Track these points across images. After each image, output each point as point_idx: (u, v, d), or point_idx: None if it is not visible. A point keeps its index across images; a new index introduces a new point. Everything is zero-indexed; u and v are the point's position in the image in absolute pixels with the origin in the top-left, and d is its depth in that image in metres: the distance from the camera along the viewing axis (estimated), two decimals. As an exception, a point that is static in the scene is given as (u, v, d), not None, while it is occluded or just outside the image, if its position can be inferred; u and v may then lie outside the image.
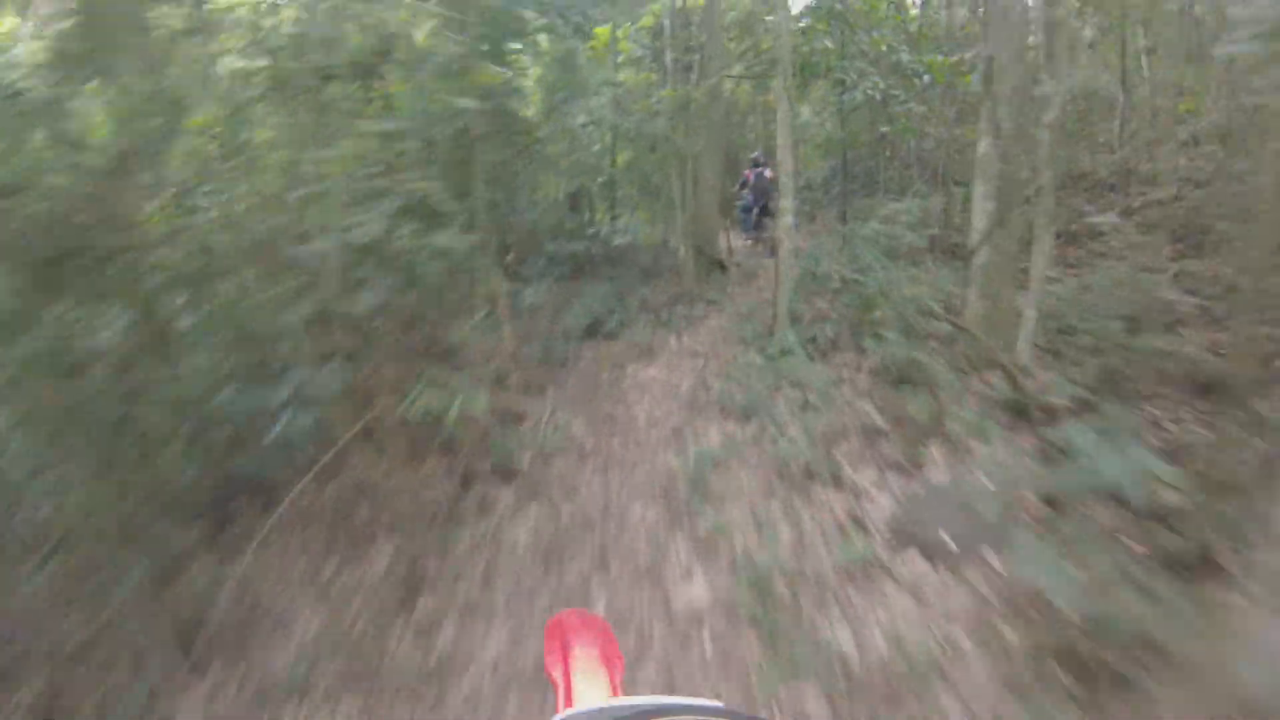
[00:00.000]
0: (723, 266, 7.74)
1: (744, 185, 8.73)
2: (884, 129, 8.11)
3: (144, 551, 2.53)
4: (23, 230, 2.30)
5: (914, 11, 9.40)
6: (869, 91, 6.84)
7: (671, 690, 2.31)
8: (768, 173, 8.08)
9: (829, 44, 6.84)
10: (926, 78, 7.23)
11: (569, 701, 0.86)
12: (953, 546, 2.77)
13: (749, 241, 8.95)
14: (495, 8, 4.19)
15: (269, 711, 2.38)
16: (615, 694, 0.88)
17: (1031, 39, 4.68)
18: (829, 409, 4.03)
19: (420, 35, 3.66)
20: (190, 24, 2.92)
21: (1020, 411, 3.60)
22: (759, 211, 8.48)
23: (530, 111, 6.55)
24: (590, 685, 0.90)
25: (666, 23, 7.29)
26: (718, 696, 2.19)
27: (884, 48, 7.11)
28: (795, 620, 2.54)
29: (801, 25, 6.99)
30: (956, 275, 5.11)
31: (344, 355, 3.07)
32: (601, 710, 0.66)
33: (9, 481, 2.48)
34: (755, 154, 8.68)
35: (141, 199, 2.77)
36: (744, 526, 3.16)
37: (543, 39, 6.08)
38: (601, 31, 7.13)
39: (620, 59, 7.87)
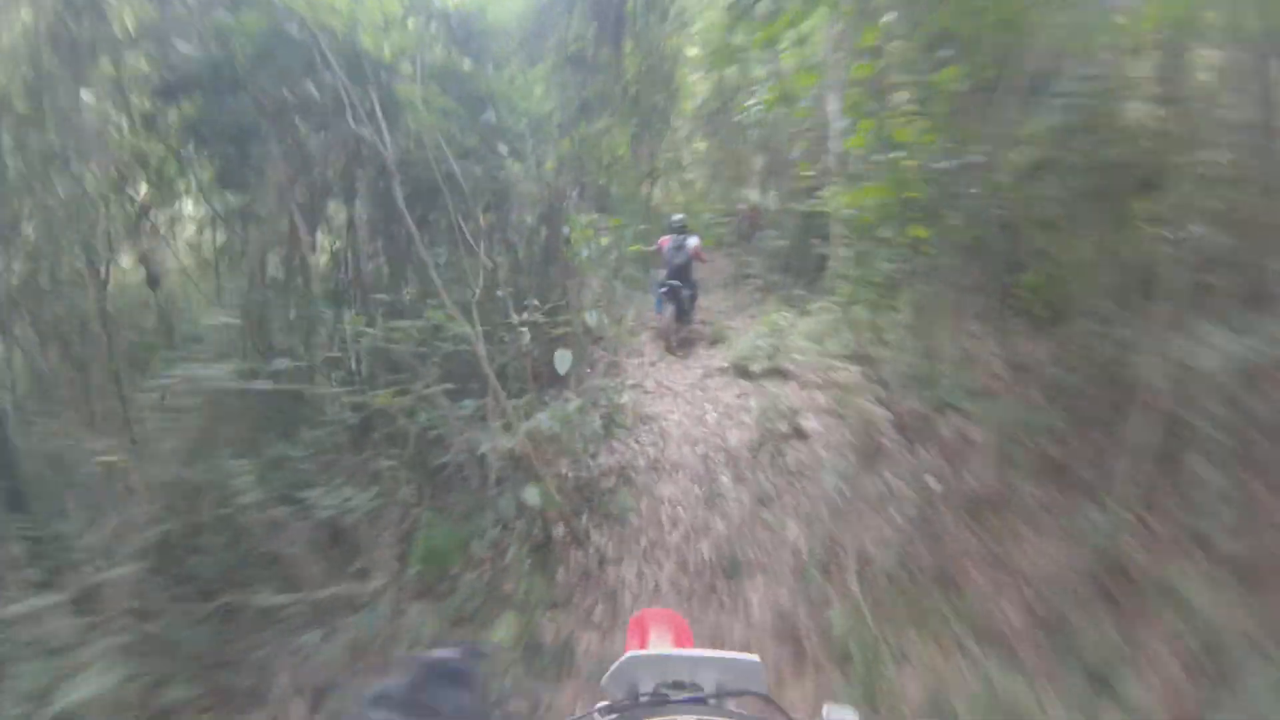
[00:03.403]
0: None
1: (655, 251, 7.08)
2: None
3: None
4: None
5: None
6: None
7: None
8: (691, 242, 6.70)
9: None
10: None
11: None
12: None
13: (661, 336, 6.90)
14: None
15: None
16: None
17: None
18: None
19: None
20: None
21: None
22: (676, 297, 6.78)
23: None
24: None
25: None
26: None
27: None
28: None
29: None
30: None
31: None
32: (645, 657, 0.83)
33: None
34: (677, 217, 7.12)
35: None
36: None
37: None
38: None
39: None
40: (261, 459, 2.90)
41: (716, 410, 5.14)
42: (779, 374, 5.71)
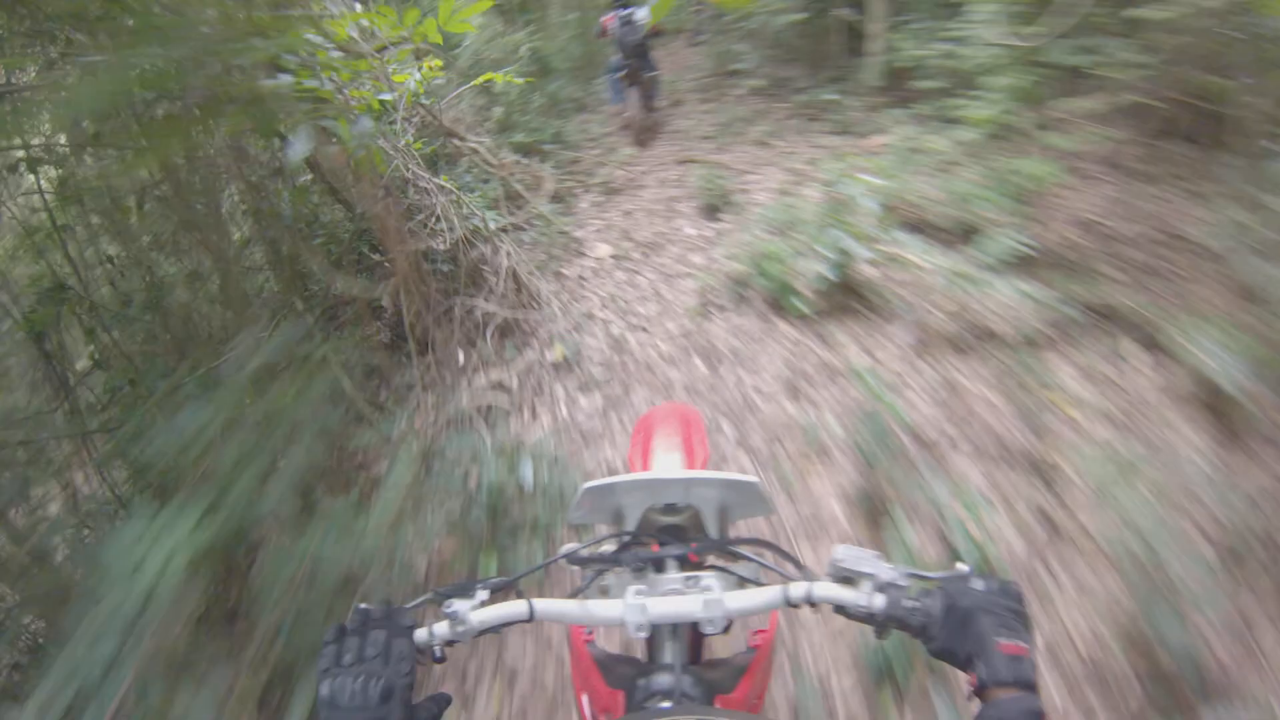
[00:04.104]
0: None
1: (600, 34, 6.08)
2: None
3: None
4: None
5: None
6: None
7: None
8: (640, 14, 5.65)
9: None
10: None
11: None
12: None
13: (628, 128, 6.04)
14: None
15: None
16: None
17: None
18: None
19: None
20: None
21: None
22: (636, 78, 5.92)
23: None
24: (665, 463, 0.87)
25: None
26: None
27: None
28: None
29: None
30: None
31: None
32: (634, 481, 0.71)
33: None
34: None
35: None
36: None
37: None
38: None
39: None
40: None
41: (765, 438, 2.20)
42: (877, 312, 2.70)
